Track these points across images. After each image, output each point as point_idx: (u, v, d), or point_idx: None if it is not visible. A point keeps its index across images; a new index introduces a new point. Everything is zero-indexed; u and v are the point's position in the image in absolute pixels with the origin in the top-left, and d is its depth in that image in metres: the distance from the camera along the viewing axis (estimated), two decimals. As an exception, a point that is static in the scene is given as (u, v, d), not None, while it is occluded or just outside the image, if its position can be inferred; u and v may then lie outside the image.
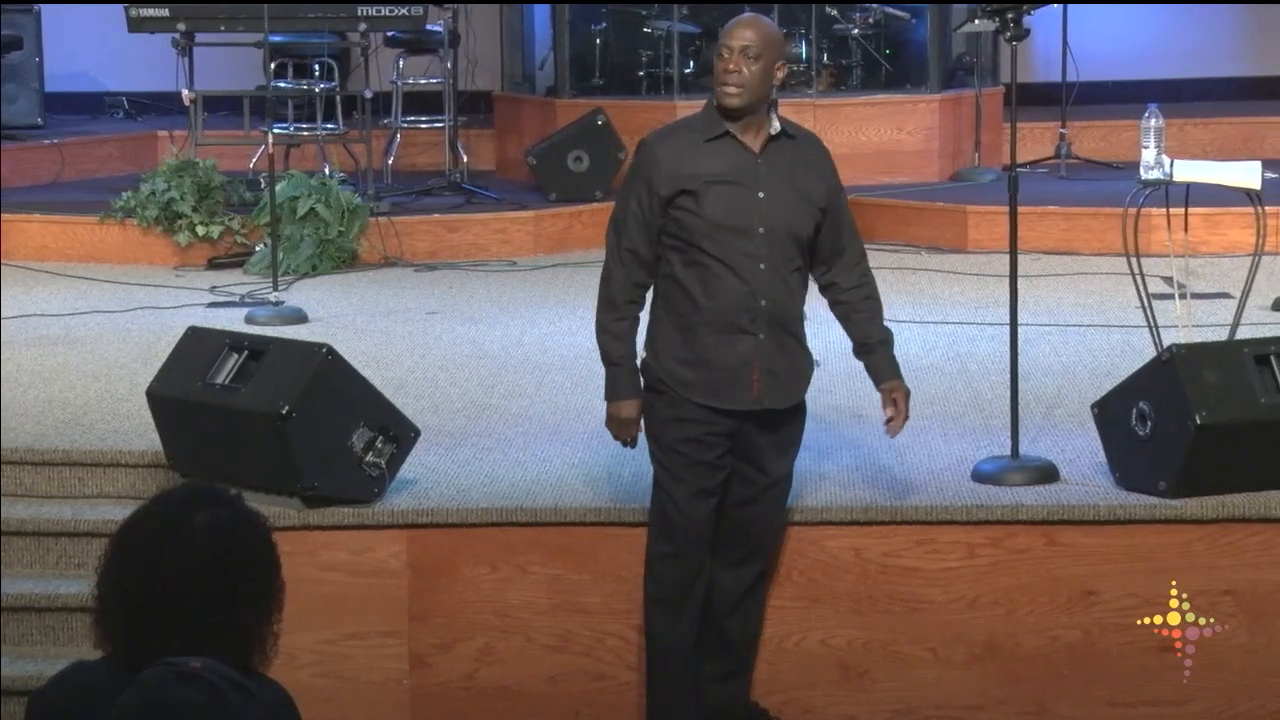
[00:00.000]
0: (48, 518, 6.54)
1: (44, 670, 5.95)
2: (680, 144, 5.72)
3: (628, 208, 5.75)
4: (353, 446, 6.17)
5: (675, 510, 5.78)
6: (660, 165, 5.68)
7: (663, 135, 5.80)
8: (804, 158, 5.77)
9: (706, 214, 5.66)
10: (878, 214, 10.77)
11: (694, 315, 5.71)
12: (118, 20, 11.07)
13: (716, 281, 5.68)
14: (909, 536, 6.17)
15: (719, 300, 5.68)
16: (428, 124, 11.99)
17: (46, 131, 12.44)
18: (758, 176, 5.69)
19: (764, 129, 5.72)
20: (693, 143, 5.71)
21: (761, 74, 5.69)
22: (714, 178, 5.67)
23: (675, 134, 5.78)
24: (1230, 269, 9.24)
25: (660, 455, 5.79)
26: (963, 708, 6.18)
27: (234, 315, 8.94)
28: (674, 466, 5.76)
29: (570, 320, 8.93)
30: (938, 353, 8.19)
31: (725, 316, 5.69)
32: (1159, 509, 6.14)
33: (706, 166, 5.68)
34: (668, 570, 5.84)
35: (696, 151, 5.69)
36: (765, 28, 5.80)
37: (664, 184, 5.67)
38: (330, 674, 6.21)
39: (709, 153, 5.69)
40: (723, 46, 5.75)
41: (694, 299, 5.70)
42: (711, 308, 5.69)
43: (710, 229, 5.65)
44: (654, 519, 5.90)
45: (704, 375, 5.71)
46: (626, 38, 12.26)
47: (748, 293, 5.67)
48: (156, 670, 3.04)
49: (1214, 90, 13.36)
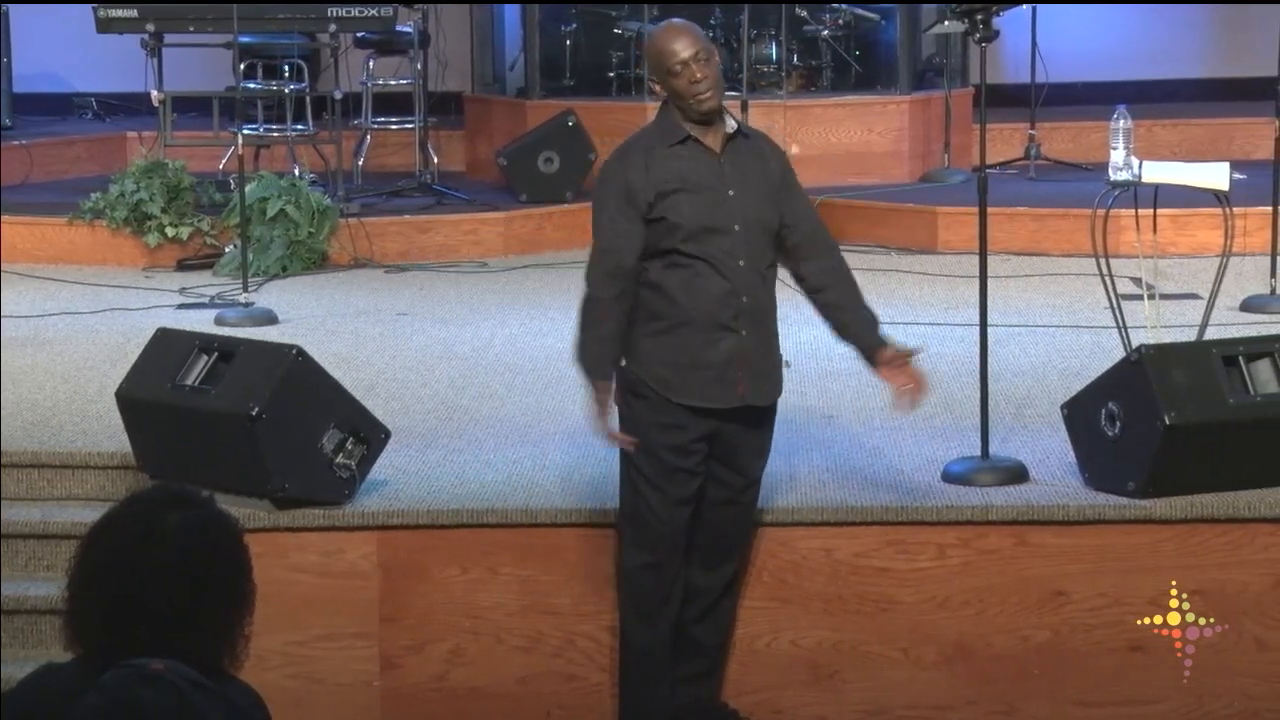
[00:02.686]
0: (16, 520, 6.52)
1: (13, 673, 5.93)
2: (643, 156, 5.73)
3: (614, 225, 5.69)
4: (323, 448, 6.17)
5: (655, 519, 5.76)
6: (631, 178, 5.69)
7: (623, 152, 5.81)
8: (759, 153, 5.82)
9: (685, 217, 5.67)
10: (848, 215, 10.78)
11: (676, 316, 5.71)
12: (86, 21, 11.04)
13: (698, 280, 5.69)
14: (879, 537, 6.18)
15: (701, 299, 5.69)
16: (398, 125, 11.97)
17: (15, 132, 12.39)
18: (724, 175, 5.72)
19: (721, 129, 5.74)
20: (656, 152, 5.73)
21: (715, 68, 5.73)
22: (684, 182, 5.69)
23: (635, 149, 5.78)
24: (1198, 270, 9.26)
25: (640, 462, 5.76)
26: (933, 708, 6.19)
27: (204, 317, 8.92)
28: (654, 474, 5.73)
29: (541, 322, 8.93)
30: (908, 353, 8.19)
31: (709, 315, 5.70)
32: (1128, 509, 6.15)
33: (675, 171, 5.70)
34: (647, 579, 5.83)
35: (663, 160, 5.71)
36: (697, 29, 5.83)
37: (639, 194, 5.67)
38: (300, 675, 6.20)
39: (674, 157, 5.71)
40: (675, 62, 5.68)
41: (675, 300, 5.70)
42: (695, 307, 5.70)
43: (690, 232, 5.67)
44: (630, 528, 5.87)
45: (690, 375, 5.71)
46: (597, 39, 12.26)
47: (730, 289, 5.68)
48: (118, 672, 3.04)
49: (1182, 91, 13.40)
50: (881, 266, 10.08)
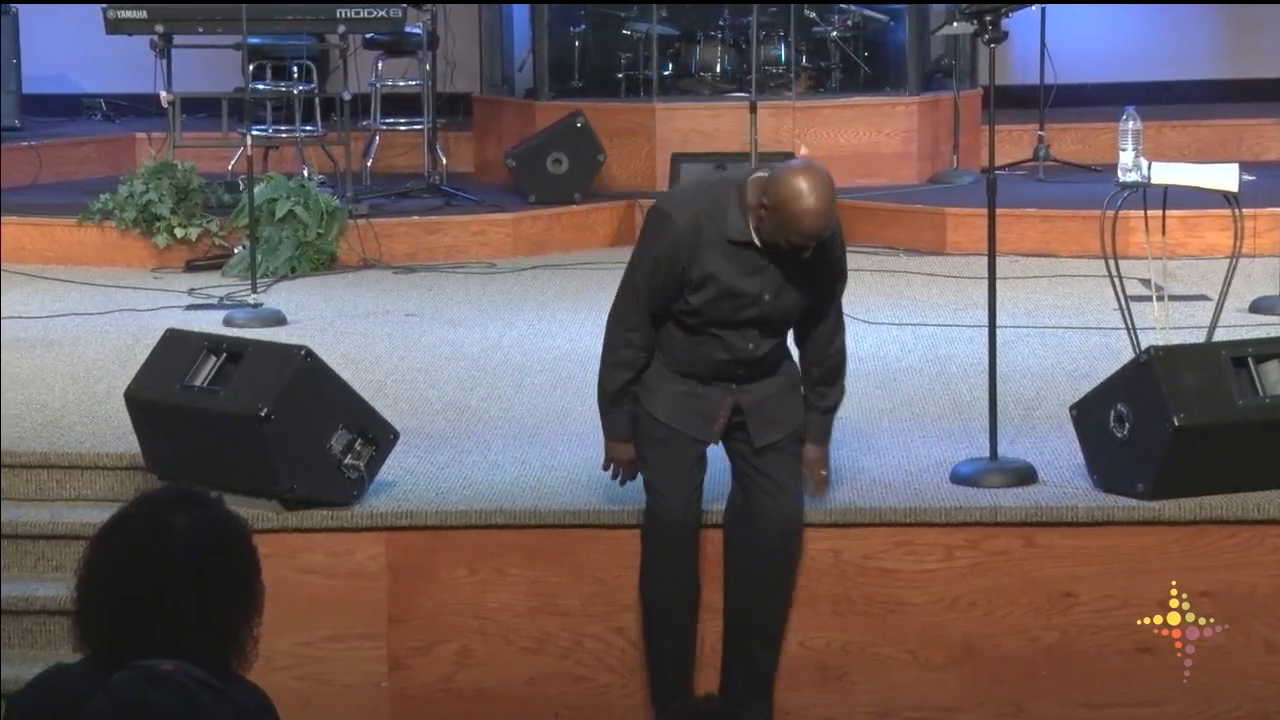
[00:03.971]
0: (25, 520, 6.52)
1: (22, 673, 5.94)
2: (694, 237, 5.63)
3: (649, 274, 5.71)
4: (331, 449, 6.17)
5: (662, 506, 5.87)
6: (680, 250, 5.63)
7: (682, 207, 5.69)
8: (810, 261, 5.68)
9: (708, 311, 5.70)
10: (856, 216, 10.77)
11: (674, 358, 5.81)
12: (95, 22, 11.05)
13: (701, 346, 5.79)
14: (887, 538, 6.18)
15: (702, 361, 5.80)
16: (406, 126, 11.97)
17: (24, 133, 12.41)
18: (766, 283, 5.68)
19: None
20: (709, 236, 5.63)
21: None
22: (720, 286, 5.67)
23: (696, 212, 5.65)
24: (1208, 271, 9.26)
25: (643, 453, 5.88)
26: (941, 709, 6.19)
27: (212, 317, 8.92)
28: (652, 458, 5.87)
29: (549, 323, 8.93)
30: (916, 355, 8.20)
31: (703, 372, 5.82)
32: (1137, 511, 6.15)
33: (720, 268, 5.65)
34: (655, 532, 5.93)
35: (712, 248, 5.63)
36: (832, 212, 5.56)
37: (679, 269, 5.65)
38: (308, 676, 6.20)
39: (726, 255, 5.63)
40: (793, 233, 5.51)
41: (676, 347, 5.81)
42: (691, 361, 5.81)
43: (709, 320, 5.73)
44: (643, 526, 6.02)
45: (674, 402, 5.82)
46: (605, 40, 12.26)
47: (731, 359, 5.79)
48: (127, 673, 3.04)
49: (1191, 93, 13.39)
50: (890, 268, 10.08)
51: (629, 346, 5.77)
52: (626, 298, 5.78)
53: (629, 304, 5.76)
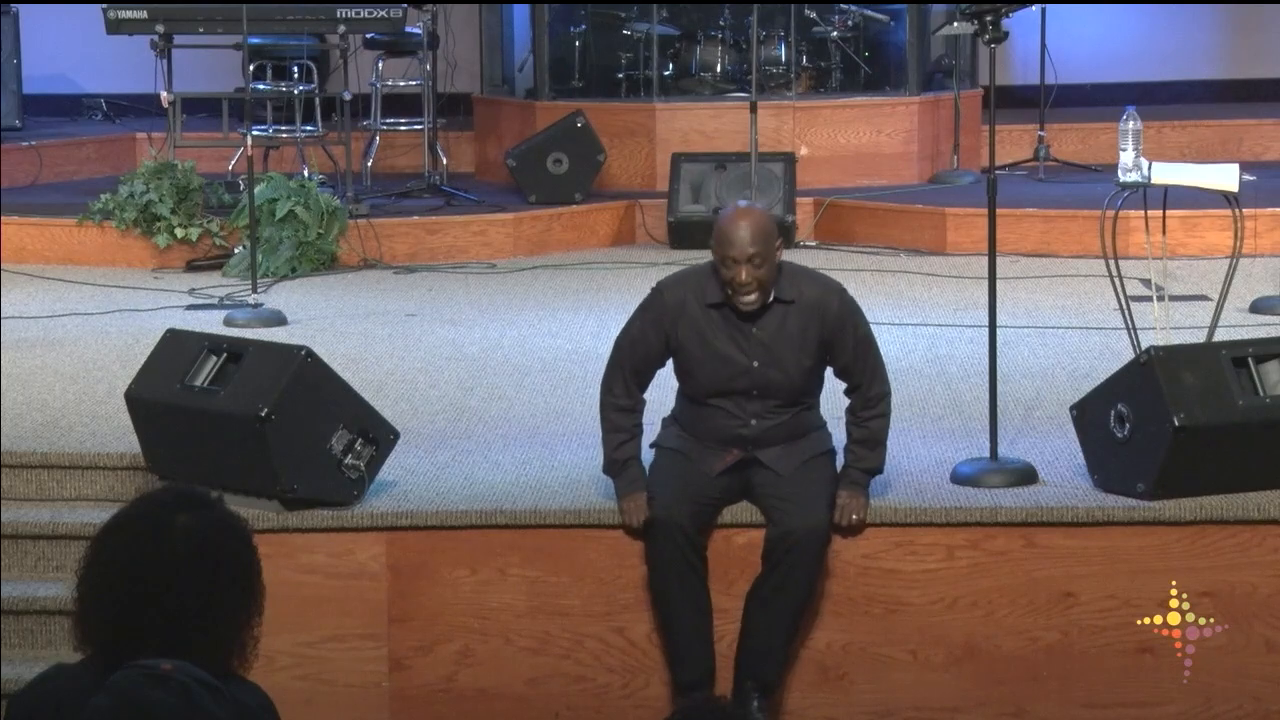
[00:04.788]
0: (25, 521, 6.52)
1: (22, 673, 5.94)
2: (678, 309, 5.90)
3: (633, 338, 6.00)
4: (332, 449, 6.17)
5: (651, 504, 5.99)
6: (664, 319, 5.91)
7: (673, 287, 5.98)
8: (803, 320, 5.90)
9: (696, 380, 5.93)
10: (857, 216, 10.79)
11: (688, 425, 6.04)
12: (96, 22, 11.05)
13: (703, 410, 5.99)
14: (888, 538, 6.18)
15: (710, 432, 5.98)
16: (407, 126, 11.98)
17: (24, 133, 12.41)
18: (750, 348, 5.88)
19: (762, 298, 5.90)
20: (695, 305, 5.89)
21: (769, 269, 5.83)
22: (704, 349, 5.88)
23: (685, 287, 5.95)
24: (1208, 271, 9.26)
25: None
26: (941, 709, 6.19)
27: (213, 317, 8.93)
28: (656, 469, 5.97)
29: (550, 323, 8.94)
30: (917, 355, 8.20)
31: (707, 434, 5.99)
32: (1137, 511, 6.15)
33: (700, 335, 5.88)
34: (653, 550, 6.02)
35: (692, 318, 5.89)
36: (760, 225, 5.81)
37: (663, 337, 5.92)
38: (309, 676, 6.20)
39: (705, 321, 5.89)
40: (727, 257, 5.80)
41: (687, 417, 6.04)
42: (703, 432, 5.99)
43: (700, 388, 5.94)
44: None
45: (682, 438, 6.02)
46: (606, 40, 12.26)
47: (736, 423, 5.96)
48: (127, 673, 3.04)
49: (1191, 93, 13.40)
50: (890, 268, 10.08)
51: (617, 411, 6.02)
52: (611, 367, 6.06)
53: (614, 372, 6.04)
